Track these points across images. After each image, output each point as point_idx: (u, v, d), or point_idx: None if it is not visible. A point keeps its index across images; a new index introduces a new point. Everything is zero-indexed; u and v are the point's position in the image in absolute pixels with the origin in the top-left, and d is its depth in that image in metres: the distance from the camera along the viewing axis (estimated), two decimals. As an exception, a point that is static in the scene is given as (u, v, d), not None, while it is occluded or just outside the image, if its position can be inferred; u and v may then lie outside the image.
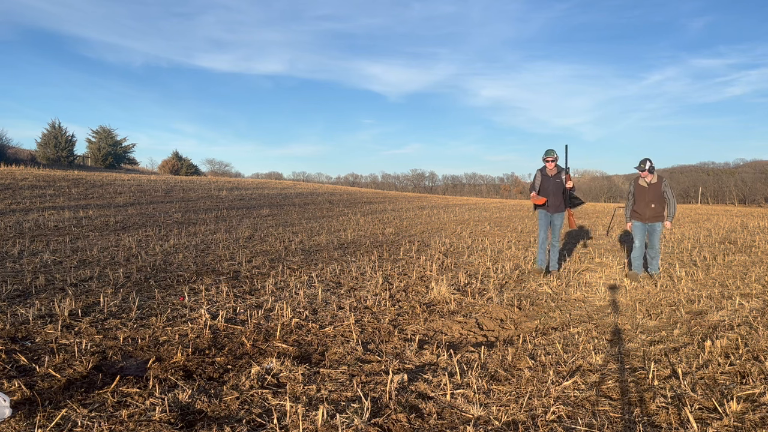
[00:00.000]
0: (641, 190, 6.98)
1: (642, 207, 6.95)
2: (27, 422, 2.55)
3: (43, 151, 35.20)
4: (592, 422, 2.79)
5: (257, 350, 3.81)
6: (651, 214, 6.90)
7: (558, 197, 7.07)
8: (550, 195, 7.05)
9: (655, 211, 6.87)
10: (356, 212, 17.26)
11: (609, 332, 4.54)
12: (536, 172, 7.29)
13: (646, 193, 6.92)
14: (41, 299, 4.96)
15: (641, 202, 6.95)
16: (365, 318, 4.79)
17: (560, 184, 7.05)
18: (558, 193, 7.06)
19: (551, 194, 7.05)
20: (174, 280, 6.08)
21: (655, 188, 6.89)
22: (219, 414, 2.77)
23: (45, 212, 12.03)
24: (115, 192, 17.25)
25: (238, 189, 23.18)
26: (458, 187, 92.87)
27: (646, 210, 6.91)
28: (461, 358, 3.75)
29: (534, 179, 7.32)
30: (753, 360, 3.71)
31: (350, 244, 9.64)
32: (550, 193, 7.06)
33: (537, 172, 7.28)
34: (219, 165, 73.18)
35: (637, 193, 7.03)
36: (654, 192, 6.88)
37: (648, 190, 6.91)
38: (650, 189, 6.90)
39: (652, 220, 6.93)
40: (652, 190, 6.89)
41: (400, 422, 2.69)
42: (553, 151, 7.08)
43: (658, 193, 6.88)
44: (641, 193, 6.97)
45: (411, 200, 26.35)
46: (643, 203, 6.94)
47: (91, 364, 3.36)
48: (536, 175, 7.26)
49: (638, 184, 7.02)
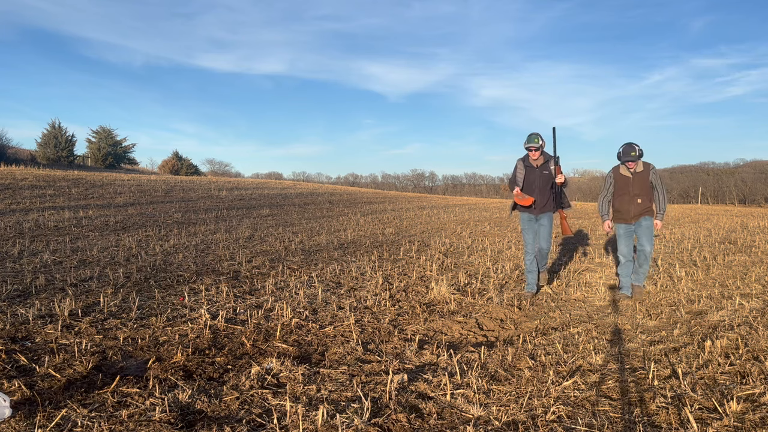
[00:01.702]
0: (624, 181, 5.55)
1: (625, 203, 5.56)
2: (27, 422, 2.55)
3: (43, 151, 35.20)
4: (592, 422, 2.79)
5: (257, 350, 3.81)
6: (637, 211, 5.54)
7: (545, 194, 5.70)
8: (535, 191, 5.71)
9: (642, 206, 5.54)
10: (356, 212, 17.26)
11: (609, 332, 4.54)
12: (517, 163, 5.79)
13: (630, 184, 5.51)
14: (41, 299, 4.96)
15: (624, 196, 5.56)
16: (365, 318, 4.79)
17: (548, 176, 5.67)
18: (545, 188, 5.69)
19: (537, 190, 5.70)
20: (174, 280, 6.08)
21: (641, 178, 5.49)
22: (219, 414, 2.77)
23: (45, 212, 12.03)
24: (115, 192, 17.25)
25: (238, 189, 23.17)
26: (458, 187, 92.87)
27: (630, 207, 5.54)
28: (461, 358, 3.75)
29: (515, 171, 5.80)
30: (753, 360, 3.71)
31: (350, 244, 9.64)
32: (535, 188, 5.69)
33: (518, 162, 5.78)
34: (219, 165, 73.26)
35: (618, 184, 5.61)
36: (641, 183, 5.50)
37: (633, 180, 5.51)
38: (636, 179, 5.51)
39: (639, 217, 5.57)
40: (639, 181, 5.50)
41: (400, 422, 2.69)
42: (537, 135, 5.59)
43: (645, 185, 5.49)
44: (624, 185, 5.55)
45: (411, 200, 26.34)
46: (626, 198, 5.55)
47: (91, 364, 3.36)
48: (517, 166, 5.77)
49: (620, 174, 5.59)
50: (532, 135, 5.59)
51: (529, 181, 5.71)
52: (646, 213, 5.56)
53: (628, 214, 5.57)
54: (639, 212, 5.55)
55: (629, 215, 5.57)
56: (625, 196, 5.55)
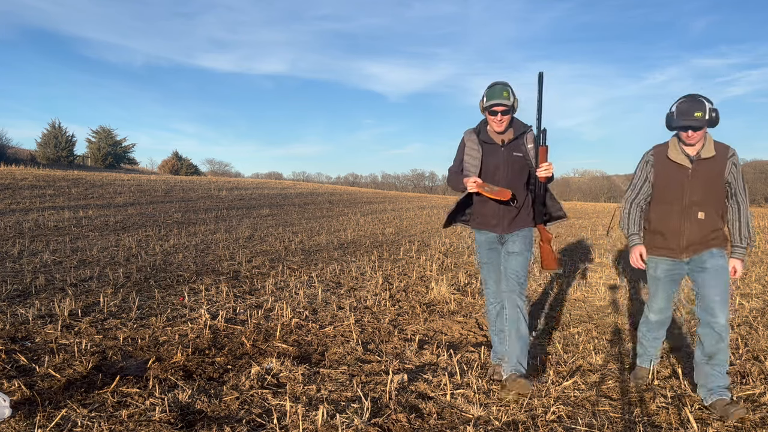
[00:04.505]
0: (674, 175, 3.00)
1: (673, 219, 3.01)
2: (27, 422, 2.55)
3: (43, 151, 35.21)
4: (592, 422, 2.79)
5: (257, 350, 3.81)
6: (696, 236, 2.98)
7: (519, 192, 3.19)
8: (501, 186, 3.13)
9: (706, 227, 2.97)
10: (356, 212, 17.26)
11: (609, 332, 4.54)
12: (464, 138, 3.30)
13: (686, 181, 2.96)
14: (41, 299, 4.96)
15: (671, 205, 3.02)
16: (365, 318, 4.79)
17: (522, 163, 3.17)
18: (518, 184, 3.20)
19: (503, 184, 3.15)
20: (174, 280, 6.08)
21: (710, 171, 2.93)
22: (219, 414, 2.77)
23: (45, 212, 12.03)
24: (114, 192, 17.25)
25: (238, 189, 23.18)
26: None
27: (682, 226, 2.99)
28: (461, 358, 3.75)
29: (460, 152, 3.33)
30: (753, 360, 3.71)
31: (350, 244, 9.64)
32: (499, 179, 3.17)
33: (465, 138, 3.29)
34: (219, 165, 73.21)
35: (661, 180, 3.05)
36: (708, 180, 2.93)
37: (693, 174, 2.94)
38: (699, 172, 2.94)
39: (699, 249, 2.99)
40: (704, 176, 2.93)
41: (400, 422, 2.69)
42: (506, 87, 3.07)
43: (716, 185, 2.94)
44: (673, 182, 3.00)
45: (411, 200, 26.35)
46: (675, 208, 3.00)
47: (91, 364, 3.36)
48: (465, 144, 3.29)
49: (666, 159, 3.02)
50: (497, 86, 3.08)
51: (488, 170, 3.20)
52: (712, 242, 2.98)
53: (678, 240, 3.02)
54: (700, 239, 2.98)
55: (679, 243, 3.02)
56: (674, 205, 3.01)
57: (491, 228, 3.29)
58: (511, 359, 3.12)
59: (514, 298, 3.18)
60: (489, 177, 3.20)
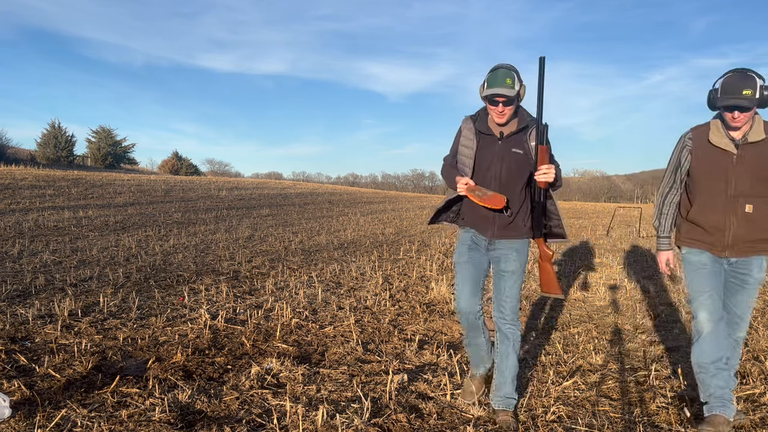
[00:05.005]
0: (717, 161, 2.61)
1: (716, 211, 2.62)
2: (27, 422, 2.55)
3: (42, 151, 35.21)
4: (592, 422, 2.79)
5: (257, 350, 3.81)
6: (744, 230, 2.59)
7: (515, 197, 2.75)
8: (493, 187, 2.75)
9: (756, 224, 2.59)
10: (356, 212, 17.26)
11: (609, 332, 4.54)
12: (461, 126, 2.91)
13: (730, 169, 2.58)
14: (41, 299, 4.96)
15: (714, 197, 2.63)
16: (365, 318, 4.79)
17: (523, 160, 2.73)
18: (514, 185, 2.76)
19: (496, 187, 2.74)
20: (174, 280, 6.08)
21: (758, 156, 2.54)
22: (219, 414, 2.77)
23: (45, 212, 12.03)
24: (114, 192, 17.25)
25: (238, 189, 23.18)
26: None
27: (728, 218, 2.60)
28: (461, 358, 3.75)
29: (456, 142, 2.95)
30: (753, 360, 3.71)
31: (350, 244, 9.64)
32: (492, 182, 2.76)
33: (463, 126, 2.90)
34: (219, 165, 73.28)
35: (701, 167, 2.66)
36: (755, 167, 2.55)
37: (739, 159, 2.56)
38: (746, 157, 2.55)
39: (746, 251, 2.64)
40: (751, 162, 2.55)
41: (400, 422, 2.69)
42: (510, 73, 2.66)
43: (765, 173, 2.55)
44: (716, 169, 2.61)
45: (411, 200, 26.36)
46: (719, 199, 2.61)
47: (90, 364, 3.36)
48: (462, 134, 2.90)
49: (708, 144, 2.63)
50: (500, 70, 2.67)
51: (481, 165, 2.80)
52: (762, 245, 2.62)
53: (721, 237, 2.64)
54: (748, 236, 2.61)
55: (723, 240, 2.64)
56: (716, 197, 2.63)
57: (480, 230, 2.87)
58: (500, 390, 2.83)
59: (506, 330, 2.85)
60: (481, 174, 2.79)
